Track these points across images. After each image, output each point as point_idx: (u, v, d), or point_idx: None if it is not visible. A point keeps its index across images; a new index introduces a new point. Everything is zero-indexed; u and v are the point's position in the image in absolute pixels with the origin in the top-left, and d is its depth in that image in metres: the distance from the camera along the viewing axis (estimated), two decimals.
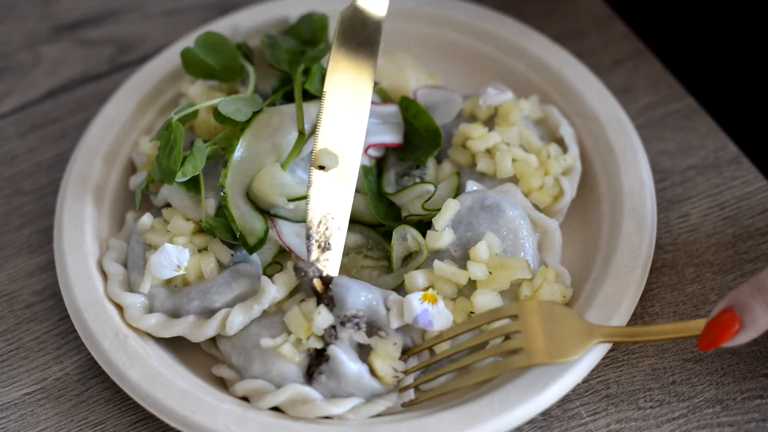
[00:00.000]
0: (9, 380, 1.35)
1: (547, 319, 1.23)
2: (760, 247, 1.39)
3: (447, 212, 1.33)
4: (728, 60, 1.70)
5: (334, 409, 1.24)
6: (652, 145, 1.50)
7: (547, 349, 1.21)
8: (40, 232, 1.49)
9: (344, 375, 1.24)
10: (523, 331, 1.22)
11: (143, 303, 1.33)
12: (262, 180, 1.35)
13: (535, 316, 1.23)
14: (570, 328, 1.22)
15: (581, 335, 1.22)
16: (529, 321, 1.23)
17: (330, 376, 1.24)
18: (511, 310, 1.25)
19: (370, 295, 1.28)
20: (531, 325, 1.23)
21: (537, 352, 1.21)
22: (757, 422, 1.26)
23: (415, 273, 1.30)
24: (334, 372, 1.24)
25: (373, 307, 1.28)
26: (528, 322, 1.23)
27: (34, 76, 1.67)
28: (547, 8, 1.68)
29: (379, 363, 1.25)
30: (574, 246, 1.39)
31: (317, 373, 1.25)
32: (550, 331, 1.22)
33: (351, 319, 1.26)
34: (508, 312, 1.25)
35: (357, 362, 1.25)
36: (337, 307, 1.26)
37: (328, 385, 1.25)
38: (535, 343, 1.21)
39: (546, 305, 1.24)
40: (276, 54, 1.47)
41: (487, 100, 1.43)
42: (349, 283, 1.28)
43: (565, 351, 1.21)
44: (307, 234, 1.30)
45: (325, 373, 1.24)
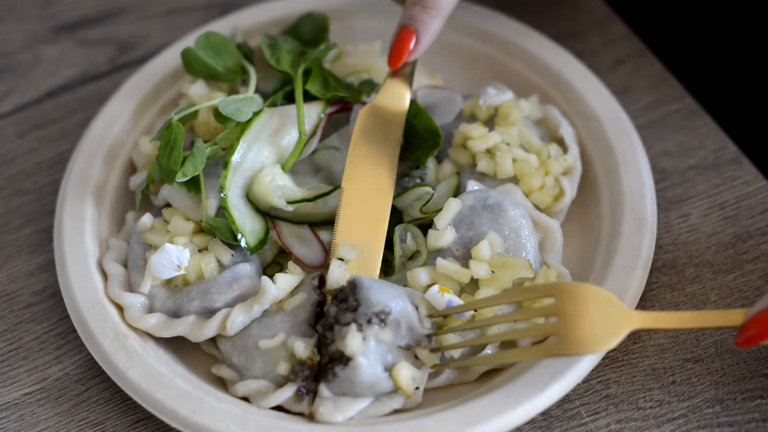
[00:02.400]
0: (9, 380, 1.35)
1: (583, 304, 1.19)
2: (760, 247, 1.39)
3: (448, 211, 1.33)
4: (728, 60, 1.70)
5: (339, 416, 1.23)
6: (652, 145, 1.50)
7: (582, 338, 1.18)
8: (40, 232, 1.49)
9: (360, 382, 1.23)
10: (559, 316, 1.19)
11: (143, 303, 1.33)
12: (262, 182, 1.35)
13: (571, 300, 1.20)
14: (606, 313, 1.19)
15: (617, 321, 1.18)
16: (565, 306, 1.19)
17: (345, 379, 1.23)
18: (548, 290, 1.22)
19: (395, 292, 1.27)
20: (567, 310, 1.19)
21: (571, 342, 1.18)
22: (757, 422, 1.26)
23: (417, 270, 1.30)
24: (350, 378, 1.23)
25: (401, 304, 1.26)
26: (564, 307, 1.20)
27: (34, 76, 1.67)
28: (547, 8, 1.68)
29: (404, 375, 1.24)
30: (574, 246, 1.39)
31: (332, 373, 1.23)
32: (585, 317, 1.19)
33: (378, 315, 1.23)
34: (545, 292, 1.22)
35: (378, 368, 1.23)
36: (363, 306, 1.24)
37: (341, 385, 1.24)
38: (570, 331, 1.18)
39: (583, 288, 1.21)
40: (276, 54, 1.47)
41: (487, 100, 1.43)
42: (371, 282, 1.27)
43: (600, 339, 1.18)
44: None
45: (340, 376, 1.23)
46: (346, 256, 1.32)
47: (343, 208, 1.35)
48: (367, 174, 1.37)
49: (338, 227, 1.34)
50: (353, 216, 1.35)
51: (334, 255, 1.32)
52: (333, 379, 1.23)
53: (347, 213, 1.35)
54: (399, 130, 1.40)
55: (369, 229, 1.34)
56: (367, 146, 1.38)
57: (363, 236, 1.34)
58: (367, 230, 1.34)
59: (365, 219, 1.35)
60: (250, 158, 1.37)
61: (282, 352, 1.27)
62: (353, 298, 1.25)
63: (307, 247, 1.37)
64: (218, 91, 1.48)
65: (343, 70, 1.51)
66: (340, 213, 1.35)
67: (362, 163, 1.37)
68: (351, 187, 1.36)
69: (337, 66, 1.52)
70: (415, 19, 1.38)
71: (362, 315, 1.24)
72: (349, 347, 1.22)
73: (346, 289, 1.27)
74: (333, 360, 1.24)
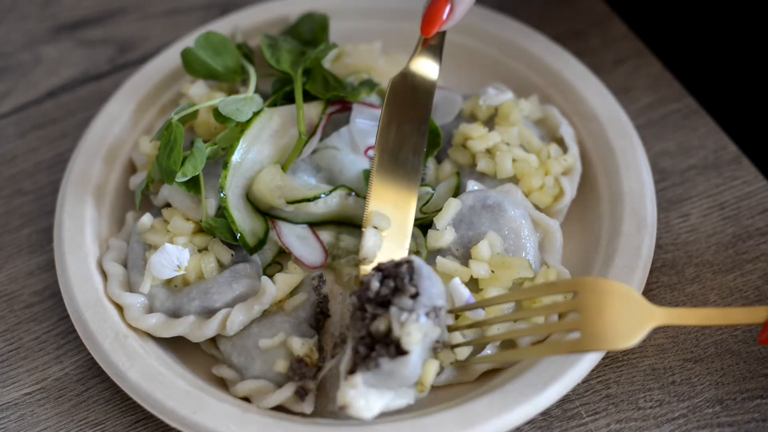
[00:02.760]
0: (9, 380, 1.35)
1: (606, 299, 1.18)
2: (760, 247, 1.39)
3: (448, 211, 1.33)
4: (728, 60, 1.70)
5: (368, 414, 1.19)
6: (652, 145, 1.50)
7: (605, 334, 1.16)
8: (40, 232, 1.49)
9: (402, 376, 1.18)
10: (581, 311, 1.18)
11: (143, 303, 1.33)
12: (262, 182, 1.36)
13: (593, 296, 1.18)
14: (628, 309, 1.17)
15: (640, 318, 1.17)
16: (588, 302, 1.18)
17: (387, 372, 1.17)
18: (570, 287, 1.21)
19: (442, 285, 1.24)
20: (589, 306, 1.18)
21: (594, 337, 1.16)
22: (757, 422, 1.26)
23: None
24: (393, 371, 1.17)
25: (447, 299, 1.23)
26: (586, 303, 1.18)
27: (34, 76, 1.67)
28: (547, 8, 1.68)
29: (432, 372, 1.22)
30: (574, 246, 1.39)
31: (374, 363, 1.17)
32: (608, 312, 1.17)
33: (435, 310, 1.19)
34: (566, 288, 1.21)
35: (419, 365, 1.20)
36: (424, 296, 1.19)
37: (377, 377, 1.18)
38: (593, 327, 1.17)
39: (605, 284, 1.19)
40: (276, 54, 1.47)
41: (487, 100, 1.43)
42: (429, 270, 1.22)
43: (623, 336, 1.16)
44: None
45: (384, 368, 1.16)
46: (379, 224, 1.31)
47: (376, 175, 1.34)
48: (398, 141, 1.36)
49: (371, 195, 1.33)
50: (385, 184, 1.34)
51: (367, 224, 1.31)
52: (375, 369, 1.17)
53: (379, 180, 1.34)
54: (430, 100, 1.40)
55: (400, 198, 1.33)
56: (399, 113, 1.38)
57: (394, 206, 1.33)
58: (397, 199, 1.33)
59: (396, 188, 1.34)
60: (250, 158, 1.37)
61: (282, 351, 1.27)
62: (411, 283, 1.20)
63: (307, 247, 1.37)
64: (218, 91, 1.48)
65: (343, 70, 1.51)
66: (373, 180, 1.34)
67: (394, 129, 1.37)
68: (383, 154, 1.35)
69: (337, 66, 1.52)
70: None
71: (423, 306, 1.19)
72: (408, 339, 1.17)
73: (402, 269, 1.22)
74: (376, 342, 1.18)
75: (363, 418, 1.19)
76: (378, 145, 1.35)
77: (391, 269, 1.22)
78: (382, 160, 1.35)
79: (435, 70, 1.41)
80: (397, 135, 1.36)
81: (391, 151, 1.36)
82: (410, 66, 1.41)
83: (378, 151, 1.35)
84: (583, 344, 1.17)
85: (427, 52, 1.41)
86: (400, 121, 1.37)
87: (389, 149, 1.36)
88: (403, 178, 1.35)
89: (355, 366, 1.19)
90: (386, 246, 1.31)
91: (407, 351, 1.16)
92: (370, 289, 1.21)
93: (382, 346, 1.18)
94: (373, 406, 1.19)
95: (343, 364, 1.20)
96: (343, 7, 1.60)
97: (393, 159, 1.35)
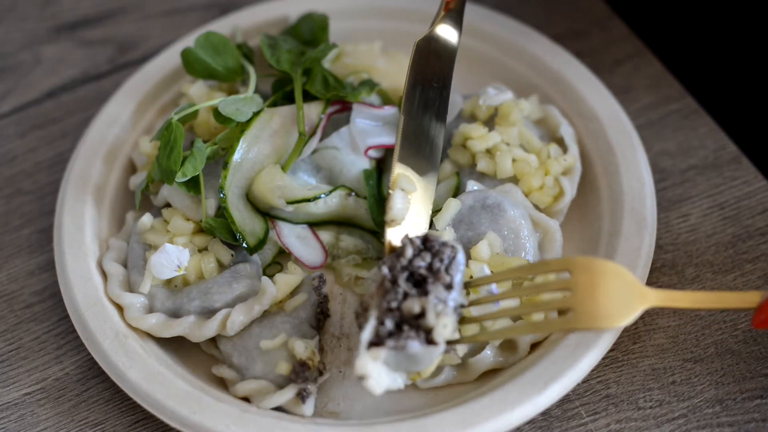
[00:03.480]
0: (9, 380, 1.35)
1: (599, 278, 1.18)
2: (760, 247, 1.39)
3: (448, 211, 1.33)
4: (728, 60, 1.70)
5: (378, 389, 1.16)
6: (652, 145, 1.50)
7: (596, 313, 1.17)
8: (40, 232, 1.49)
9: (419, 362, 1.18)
10: (573, 290, 1.19)
11: (143, 303, 1.33)
12: (262, 182, 1.36)
13: (586, 275, 1.19)
14: (622, 289, 1.18)
15: (633, 298, 1.18)
16: (581, 280, 1.18)
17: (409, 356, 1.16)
18: (563, 265, 1.21)
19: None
20: (582, 284, 1.18)
21: (587, 315, 1.17)
22: (757, 422, 1.26)
23: None
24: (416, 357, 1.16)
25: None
26: (579, 281, 1.18)
27: (34, 76, 1.67)
28: (547, 8, 1.68)
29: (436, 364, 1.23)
30: (574, 246, 1.39)
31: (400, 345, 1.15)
32: (600, 292, 1.18)
33: (461, 306, 1.20)
34: (560, 266, 1.21)
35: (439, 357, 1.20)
36: (456, 292, 1.20)
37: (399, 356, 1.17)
38: (586, 305, 1.17)
39: (598, 263, 1.20)
40: (276, 54, 1.47)
41: (487, 100, 1.43)
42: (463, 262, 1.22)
43: (616, 315, 1.17)
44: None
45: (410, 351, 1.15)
46: (407, 187, 1.32)
47: (402, 139, 1.35)
48: (422, 106, 1.37)
49: (396, 158, 1.34)
50: (410, 148, 1.35)
51: (394, 187, 1.32)
52: (401, 350, 1.16)
53: (405, 144, 1.35)
54: (451, 65, 1.41)
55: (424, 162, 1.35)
56: (423, 78, 1.38)
57: (418, 170, 1.34)
58: (422, 163, 1.34)
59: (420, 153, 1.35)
60: (250, 158, 1.37)
61: (283, 352, 1.27)
62: (448, 272, 1.21)
63: (307, 247, 1.37)
64: (218, 91, 1.48)
65: (343, 70, 1.51)
66: (399, 142, 1.34)
67: (418, 94, 1.38)
68: (409, 118, 1.36)
69: (337, 66, 1.52)
70: None
71: (453, 300, 1.20)
72: (443, 332, 1.17)
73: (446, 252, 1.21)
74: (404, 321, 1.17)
75: (374, 392, 1.18)
76: (404, 109, 1.36)
77: (437, 246, 1.21)
78: (408, 125, 1.36)
79: (455, 35, 1.42)
80: (420, 99, 1.37)
81: (416, 115, 1.36)
82: (434, 30, 1.41)
83: (404, 114, 1.36)
84: (576, 322, 1.18)
85: (449, 18, 1.42)
86: (424, 86, 1.38)
87: (414, 113, 1.36)
88: (427, 143, 1.36)
89: (381, 339, 1.17)
90: (412, 209, 1.32)
91: (437, 342, 1.17)
92: (404, 255, 1.20)
93: (412, 328, 1.18)
94: (382, 383, 1.18)
95: (366, 333, 1.17)
96: (343, 7, 1.60)
97: (418, 124, 1.36)
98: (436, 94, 1.38)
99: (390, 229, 1.31)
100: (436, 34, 1.41)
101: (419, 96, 1.37)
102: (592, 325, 1.17)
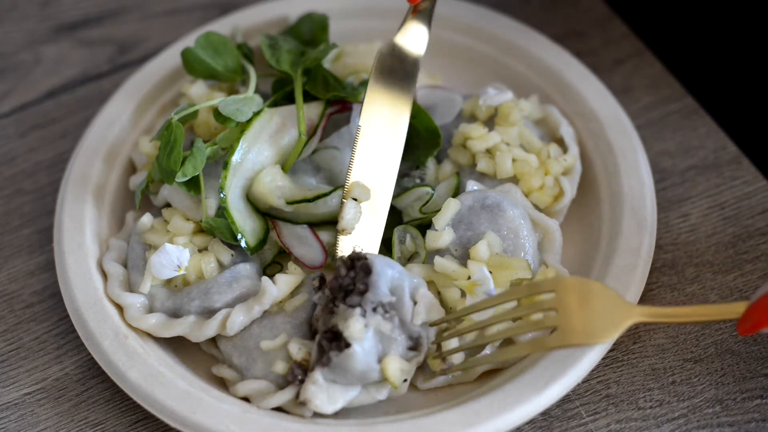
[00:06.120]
0: (9, 380, 1.35)
1: (584, 297, 1.19)
2: (760, 247, 1.39)
3: (447, 211, 1.33)
4: (728, 60, 1.70)
5: (330, 407, 1.22)
6: (652, 145, 1.50)
7: (582, 330, 1.17)
8: (40, 232, 1.49)
9: (351, 370, 1.22)
10: (559, 309, 1.19)
11: (143, 303, 1.33)
12: (262, 182, 1.35)
13: (571, 294, 1.19)
14: (606, 307, 1.19)
15: (618, 315, 1.18)
16: (565, 299, 1.19)
17: (338, 366, 1.21)
18: (548, 286, 1.22)
19: (397, 283, 1.25)
20: (567, 303, 1.19)
21: (571, 332, 1.18)
22: (757, 422, 1.26)
23: (411, 266, 1.31)
24: (343, 365, 1.21)
25: (399, 295, 1.25)
26: (564, 300, 1.19)
27: (34, 76, 1.67)
28: (547, 8, 1.68)
29: (393, 367, 1.23)
30: (574, 246, 1.39)
31: (327, 357, 1.21)
32: (585, 309, 1.18)
33: (384, 306, 1.23)
34: (545, 287, 1.22)
35: (372, 357, 1.22)
36: (372, 293, 1.23)
37: (334, 372, 1.22)
38: (570, 323, 1.18)
39: (583, 283, 1.20)
40: (276, 54, 1.47)
41: (487, 100, 1.43)
42: (383, 266, 1.25)
43: (600, 331, 1.17)
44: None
45: (334, 362, 1.21)
46: (360, 196, 1.33)
47: (359, 147, 1.35)
48: (384, 114, 1.37)
49: (353, 166, 1.34)
50: (368, 156, 1.35)
51: (348, 196, 1.33)
52: (328, 363, 1.22)
53: (363, 152, 1.35)
54: (415, 71, 1.40)
55: (381, 171, 1.35)
56: (386, 85, 1.38)
57: (375, 179, 1.35)
58: (379, 173, 1.35)
59: (378, 161, 1.35)
60: (250, 158, 1.37)
61: (283, 353, 1.27)
62: (363, 281, 1.24)
63: (307, 247, 1.37)
64: (218, 91, 1.48)
65: (343, 70, 1.51)
66: (356, 152, 1.35)
67: (379, 103, 1.37)
68: (368, 126, 1.36)
69: (337, 66, 1.52)
70: None
71: (369, 302, 1.22)
72: (349, 332, 1.21)
73: (357, 266, 1.25)
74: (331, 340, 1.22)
75: (324, 412, 1.22)
76: (363, 118, 1.36)
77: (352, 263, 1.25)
78: (366, 133, 1.36)
79: (424, 37, 1.42)
80: (381, 108, 1.37)
81: (375, 125, 1.36)
82: (398, 37, 1.41)
83: (363, 123, 1.36)
84: (561, 340, 1.18)
85: (416, 21, 1.42)
86: (385, 95, 1.38)
87: (374, 122, 1.36)
88: (386, 153, 1.36)
89: (315, 362, 1.23)
90: (365, 218, 1.33)
91: (348, 343, 1.20)
92: (339, 275, 1.25)
93: (334, 341, 1.22)
94: (337, 400, 1.22)
95: (312, 358, 1.24)
96: (343, 7, 1.60)
97: (377, 132, 1.36)
98: (397, 102, 1.38)
99: (342, 238, 1.32)
100: (400, 40, 1.41)
101: (379, 105, 1.37)
102: (576, 341, 1.18)
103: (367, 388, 1.25)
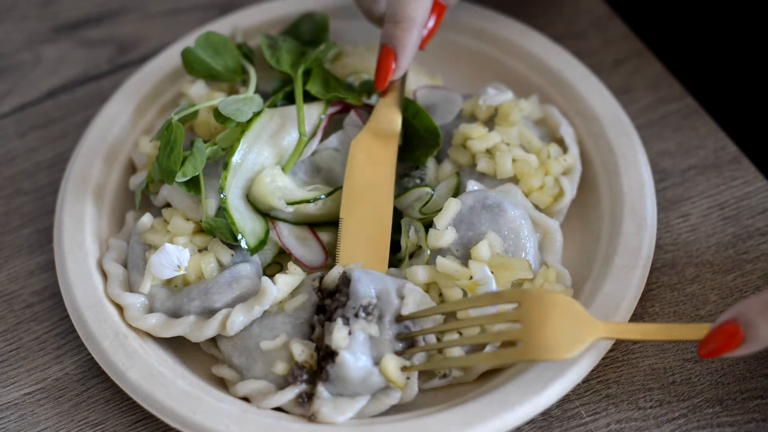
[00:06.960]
0: (9, 380, 1.35)
1: (548, 310, 1.20)
2: (760, 247, 1.39)
3: (448, 211, 1.33)
4: (728, 60, 1.70)
5: (339, 417, 1.23)
6: (652, 145, 1.50)
7: (544, 345, 1.19)
8: (40, 232, 1.49)
9: (350, 378, 1.23)
10: (523, 322, 1.20)
11: (143, 303, 1.33)
12: (262, 183, 1.35)
13: (536, 307, 1.20)
14: (571, 321, 1.20)
15: (582, 330, 1.20)
16: (530, 312, 1.20)
17: (336, 377, 1.23)
18: (513, 297, 1.22)
19: (380, 285, 1.27)
20: (531, 316, 1.20)
21: (533, 348, 1.19)
22: (757, 422, 1.26)
23: (416, 268, 1.31)
24: (340, 375, 1.22)
25: (384, 297, 1.26)
26: (528, 314, 1.20)
27: (34, 76, 1.67)
28: (547, 8, 1.68)
29: (391, 367, 1.23)
30: (574, 246, 1.39)
31: (325, 372, 1.23)
32: (549, 324, 1.19)
33: (365, 308, 1.24)
34: (510, 298, 1.23)
35: (366, 361, 1.23)
36: (351, 299, 1.25)
37: (336, 384, 1.23)
38: (533, 337, 1.19)
39: (548, 296, 1.21)
40: (276, 54, 1.47)
41: (487, 100, 1.43)
42: (359, 275, 1.27)
43: (563, 347, 1.19)
44: None
45: (331, 374, 1.22)
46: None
47: (344, 237, 1.34)
48: (366, 203, 1.36)
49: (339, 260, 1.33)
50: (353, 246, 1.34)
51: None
52: (327, 378, 1.23)
53: (347, 242, 1.34)
54: (393, 155, 1.39)
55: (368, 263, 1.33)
56: (363, 176, 1.38)
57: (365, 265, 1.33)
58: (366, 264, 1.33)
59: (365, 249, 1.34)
60: (251, 159, 1.37)
61: (283, 353, 1.27)
62: (344, 292, 1.26)
63: (307, 247, 1.37)
64: (218, 91, 1.48)
65: (343, 70, 1.51)
66: (341, 243, 1.34)
67: (360, 193, 1.37)
68: (350, 217, 1.35)
69: (337, 66, 1.52)
70: (391, 36, 1.37)
71: (350, 309, 1.24)
72: (334, 341, 1.22)
73: (339, 283, 1.28)
74: (325, 357, 1.24)
75: (335, 422, 1.23)
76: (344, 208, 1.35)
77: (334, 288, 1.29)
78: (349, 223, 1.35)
79: (397, 120, 1.41)
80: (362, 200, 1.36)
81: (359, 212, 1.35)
82: (370, 125, 1.41)
83: (344, 214, 1.35)
84: (523, 354, 1.19)
85: (386, 103, 1.42)
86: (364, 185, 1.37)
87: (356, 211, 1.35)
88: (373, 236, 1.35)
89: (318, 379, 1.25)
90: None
91: (336, 352, 1.22)
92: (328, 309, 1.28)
93: (327, 355, 1.24)
94: (346, 411, 1.23)
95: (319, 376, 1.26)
96: (343, 7, 1.60)
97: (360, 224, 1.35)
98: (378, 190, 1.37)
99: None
100: (373, 128, 1.40)
101: (359, 197, 1.36)
102: (539, 357, 1.19)
103: (376, 396, 1.25)
